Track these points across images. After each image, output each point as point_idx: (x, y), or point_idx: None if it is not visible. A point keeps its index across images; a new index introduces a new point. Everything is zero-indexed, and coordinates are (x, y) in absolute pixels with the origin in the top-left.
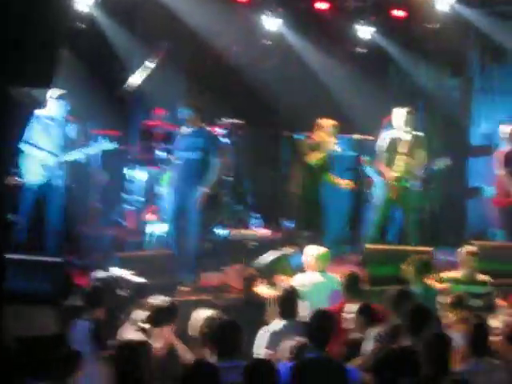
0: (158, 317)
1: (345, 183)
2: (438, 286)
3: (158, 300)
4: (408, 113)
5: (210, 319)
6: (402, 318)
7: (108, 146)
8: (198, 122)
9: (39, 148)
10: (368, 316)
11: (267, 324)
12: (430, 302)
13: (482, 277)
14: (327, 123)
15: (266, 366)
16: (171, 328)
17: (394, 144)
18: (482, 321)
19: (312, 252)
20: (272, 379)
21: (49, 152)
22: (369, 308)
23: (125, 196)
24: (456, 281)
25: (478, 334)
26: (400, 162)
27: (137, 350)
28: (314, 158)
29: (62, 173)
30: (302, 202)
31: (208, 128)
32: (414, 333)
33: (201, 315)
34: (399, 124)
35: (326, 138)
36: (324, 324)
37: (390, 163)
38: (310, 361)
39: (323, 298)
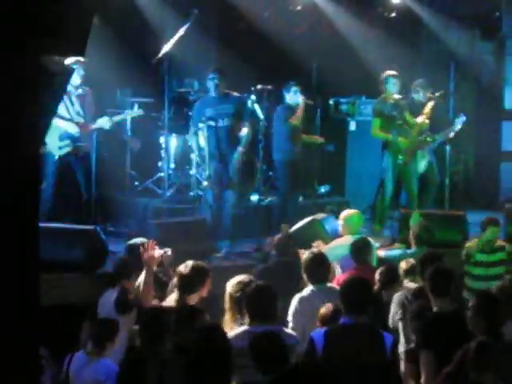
0: (187, 282)
1: (316, 138)
2: None
3: (186, 267)
4: (391, 75)
5: (242, 283)
6: (426, 281)
7: (134, 112)
8: (224, 88)
9: (61, 117)
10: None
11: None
12: None
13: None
14: (294, 84)
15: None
16: (203, 293)
17: (385, 109)
18: None
19: (343, 215)
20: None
21: (70, 121)
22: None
23: (159, 163)
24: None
25: (507, 295)
26: (396, 126)
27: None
28: (296, 120)
29: (89, 141)
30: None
31: (235, 93)
32: (440, 294)
33: (235, 280)
34: (387, 88)
35: (299, 98)
36: (357, 289)
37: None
38: (344, 327)
39: None
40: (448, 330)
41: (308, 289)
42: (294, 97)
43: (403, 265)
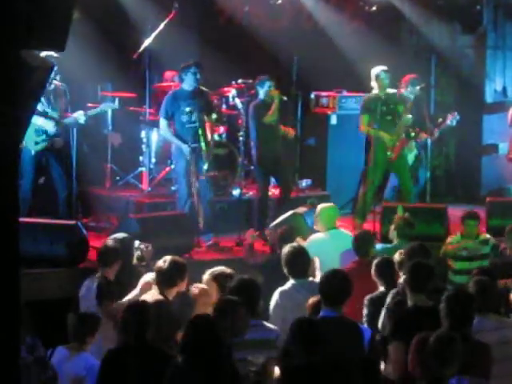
0: (166, 277)
1: (288, 130)
2: None
3: (164, 262)
4: (383, 71)
5: (224, 276)
6: (406, 275)
7: (109, 106)
8: (196, 82)
9: (37, 113)
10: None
11: None
12: None
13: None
14: (265, 78)
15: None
16: (182, 287)
17: (375, 104)
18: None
19: (317, 209)
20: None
21: (46, 116)
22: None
23: (140, 158)
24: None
25: (481, 291)
26: (386, 122)
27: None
28: (270, 117)
29: (68, 136)
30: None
31: (204, 88)
32: (415, 290)
33: (214, 272)
34: (375, 83)
35: (273, 92)
36: (335, 283)
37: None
38: (322, 320)
39: (333, 255)
40: (420, 324)
41: (289, 283)
42: (268, 92)
43: (396, 257)
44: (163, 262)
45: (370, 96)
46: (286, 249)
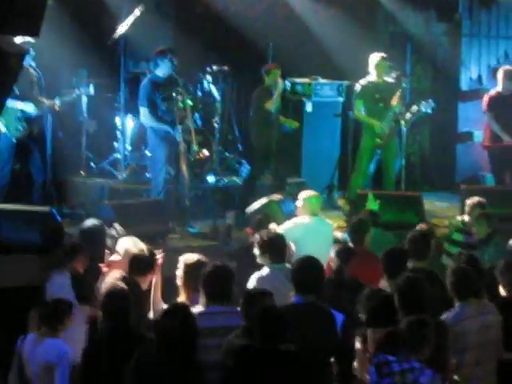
0: (138, 266)
1: (291, 121)
2: None
3: (136, 249)
4: (382, 58)
5: (198, 263)
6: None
7: (83, 91)
8: (171, 69)
9: (14, 98)
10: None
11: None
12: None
13: None
14: (273, 66)
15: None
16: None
17: (370, 90)
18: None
19: (302, 196)
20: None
21: (24, 102)
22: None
23: (115, 144)
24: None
25: (460, 278)
26: (378, 109)
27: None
28: (271, 104)
29: (44, 122)
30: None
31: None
32: (390, 276)
33: (189, 259)
34: (373, 70)
35: (276, 80)
36: (307, 269)
37: (369, 110)
38: (294, 306)
39: (315, 241)
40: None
41: (266, 268)
42: (272, 79)
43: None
44: (140, 250)
45: (367, 82)
46: (263, 234)
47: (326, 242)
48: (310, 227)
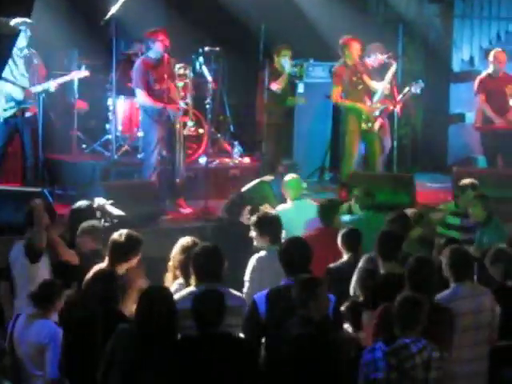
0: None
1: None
2: None
3: (120, 235)
4: (352, 40)
5: (187, 246)
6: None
7: (79, 73)
8: (163, 50)
9: (5, 80)
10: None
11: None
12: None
13: None
14: (284, 47)
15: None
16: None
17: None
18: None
19: (284, 180)
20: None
21: (16, 84)
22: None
23: (106, 125)
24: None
25: (458, 258)
26: (358, 91)
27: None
28: (278, 85)
29: (35, 104)
30: (267, 127)
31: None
32: (385, 258)
33: (180, 242)
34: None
35: (285, 64)
36: (295, 251)
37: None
38: (285, 288)
39: (298, 225)
40: (392, 292)
41: (264, 251)
42: (282, 61)
43: None
44: (119, 235)
45: (339, 65)
46: (260, 215)
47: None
48: (291, 212)
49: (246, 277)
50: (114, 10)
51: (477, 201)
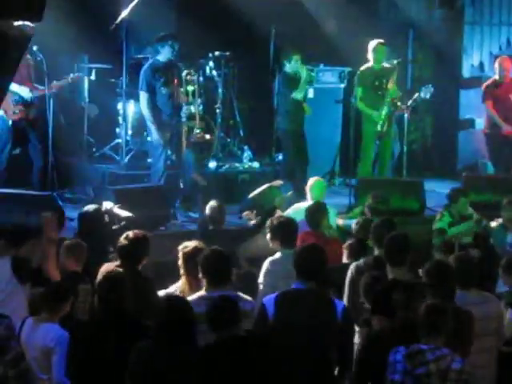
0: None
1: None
2: None
3: (130, 234)
4: (380, 44)
5: (197, 249)
6: (383, 249)
7: (82, 75)
8: (172, 55)
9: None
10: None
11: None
12: None
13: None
14: (297, 53)
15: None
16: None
17: (369, 78)
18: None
19: (309, 183)
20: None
21: (23, 86)
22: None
23: (117, 129)
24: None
25: (463, 266)
26: (377, 96)
27: (118, 280)
28: (295, 90)
29: (45, 107)
30: (288, 134)
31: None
32: (394, 264)
33: (187, 246)
34: (371, 56)
35: (299, 68)
36: (308, 256)
37: (367, 98)
38: (295, 292)
39: None
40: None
41: (278, 253)
42: (294, 66)
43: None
44: (125, 239)
45: (365, 68)
46: (274, 219)
47: None
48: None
49: (260, 279)
50: (124, 14)
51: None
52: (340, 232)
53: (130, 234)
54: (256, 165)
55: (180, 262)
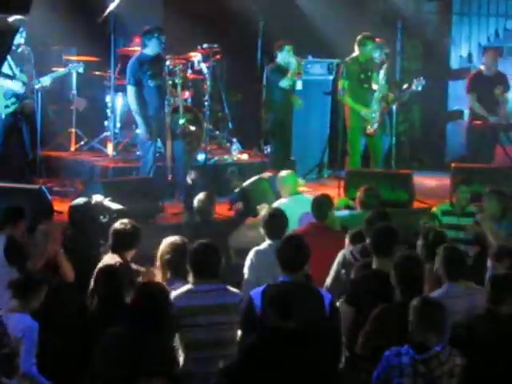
0: (127, 240)
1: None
2: None
3: (124, 224)
4: (366, 37)
5: (174, 244)
6: (371, 239)
7: (73, 68)
8: (159, 48)
9: (4, 75)
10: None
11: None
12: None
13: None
14: (286, 43)
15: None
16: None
17: (355, 71)
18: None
19: (278, 177)
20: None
21: (14, 79)
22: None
23: (105, 122)
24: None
25: (451, 257)
26: (363, 90)
27: (116, 272)
28: (286, 80)
29: (33, 100)
30: (275, 126)
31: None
32: (380, 254)
33: (166, 241)
34: (359, 50)
35: (290, 59)
36: (292, 248)
37: (353, 92)
38: (281, 285)
39: (295, 220)
40: (377, 289)
41: (265, 243)
42: (285, 56)
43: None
44: (123, 224)
45: (350, 60)
46: (265, 211)
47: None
48: (288, 207)
49: (245, 269)
50: (112, 6)
51: (492, 195)
52: None
53: (121, 223)
54: (245, 157)
55: (165, 254)
